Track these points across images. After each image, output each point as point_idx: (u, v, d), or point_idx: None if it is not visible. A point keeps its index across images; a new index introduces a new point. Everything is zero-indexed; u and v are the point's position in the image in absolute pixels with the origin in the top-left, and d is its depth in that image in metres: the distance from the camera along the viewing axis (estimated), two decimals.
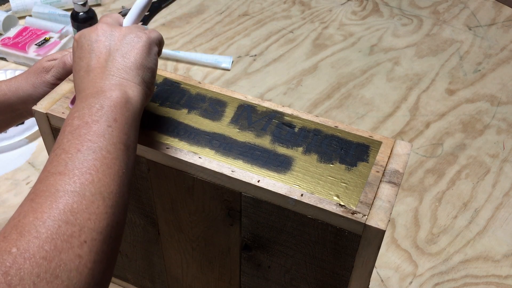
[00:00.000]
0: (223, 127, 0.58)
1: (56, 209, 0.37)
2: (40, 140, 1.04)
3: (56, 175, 0.40)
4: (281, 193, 0.50)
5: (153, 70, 0.52)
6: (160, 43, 0.55)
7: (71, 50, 0.64)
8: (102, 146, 0.43)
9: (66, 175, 0.40)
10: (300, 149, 0.55)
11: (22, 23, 1.36)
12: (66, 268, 0.35)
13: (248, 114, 0.59)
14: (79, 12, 1.18)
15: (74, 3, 1.16)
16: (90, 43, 0.51)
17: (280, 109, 0.60)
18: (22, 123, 1.05)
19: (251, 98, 0.62)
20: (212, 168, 0.53)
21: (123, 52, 0.50)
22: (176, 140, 0.56)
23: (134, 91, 0.48)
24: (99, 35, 0.51)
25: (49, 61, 0.65)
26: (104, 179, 0.41)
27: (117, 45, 0.51)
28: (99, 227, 0.39)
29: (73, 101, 0.60)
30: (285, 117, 0.59)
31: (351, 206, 0.49)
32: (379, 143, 0.56)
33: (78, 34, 0.53)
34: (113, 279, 0.80)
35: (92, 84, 0.48)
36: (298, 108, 1.15)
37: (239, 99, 0.61)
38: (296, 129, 0.58)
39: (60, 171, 0.40)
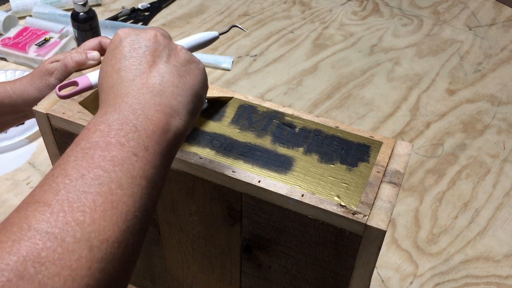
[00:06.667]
0: (224, 127, 0.58)
1: (15, 254, 0.28)
2: (40, 141, 1.04)
3: (39, 204, 0.31)
4: (281, 193, 0.50)
5: (203, 102, 0.45)
6: None
7: (72, 52, 0.64)
8: (114, 178, 0.33)
9: (50, 208, 0.31)
10: (301, 149, 0.55)
11: (22, 23, 1.36)
12: None
13: (248, 115, 0.59)
14: (79, 12, 1.18)
15: (74, 3, 1.16)
16: (145, 43, 0.42)
17: (281, 109, 0.60)
18: (22, 123, 1.05)
19: (251, 98, 0.61)
20: (213, 169, 0.53)
21: (182, 71, 0.42)
22: None
23: (182, 119, 0.40)
24: (158, 40, 0.43)
25: (51, 63, 0.65)
26: (100, 221, 0.31)
27: (177, 60, 0.43)
28: None
29: (60, 88, 0.49)
30: (286, 118, 0.59)
31: (352, 206, 0.49)
32: (379, 143, 0.56)
33: (127, 30, 0.44)
34: None
35: (136, 92, 0.39)
36: (298, 108, 1.15)
37: (240, 99, 0.61)
38: (297, 130, 0.58)
39: (46, 200, 0.31)
